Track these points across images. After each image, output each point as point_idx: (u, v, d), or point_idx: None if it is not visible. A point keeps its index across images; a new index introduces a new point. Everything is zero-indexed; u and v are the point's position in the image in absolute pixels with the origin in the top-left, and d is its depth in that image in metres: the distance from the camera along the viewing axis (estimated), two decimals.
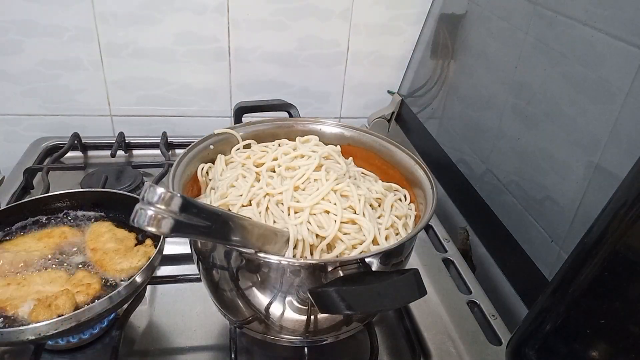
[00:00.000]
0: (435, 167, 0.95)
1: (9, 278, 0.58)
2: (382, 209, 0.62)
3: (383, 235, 0.57)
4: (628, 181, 0.46)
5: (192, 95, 1.11)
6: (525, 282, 0.72)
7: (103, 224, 0.67)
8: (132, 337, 0.65)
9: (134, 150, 1.05)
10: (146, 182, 0.67)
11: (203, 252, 0.57)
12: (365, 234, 0.57)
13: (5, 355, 0.61)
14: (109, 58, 1.04)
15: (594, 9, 0.61)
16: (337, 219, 0.56)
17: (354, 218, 0.57)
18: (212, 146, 0.68)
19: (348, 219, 0.57)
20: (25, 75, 1.02)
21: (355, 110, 1.19)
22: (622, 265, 0.46)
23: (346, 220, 0.57)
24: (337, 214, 0.57)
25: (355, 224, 0.58)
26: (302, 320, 0.55)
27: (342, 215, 0.57)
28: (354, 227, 0.57)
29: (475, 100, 0.88)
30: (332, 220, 0.57)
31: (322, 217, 0.57)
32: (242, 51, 1.07)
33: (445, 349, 0.65)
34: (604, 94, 0.59)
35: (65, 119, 1.08)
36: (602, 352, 0.48)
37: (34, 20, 0.97)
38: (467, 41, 0.92)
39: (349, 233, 0.57)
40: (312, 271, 0.50)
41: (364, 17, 1.07)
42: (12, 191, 0.87)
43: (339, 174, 0.63)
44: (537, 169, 0.71)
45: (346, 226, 0.57)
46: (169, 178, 0.59)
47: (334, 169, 0.64)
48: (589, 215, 0.60)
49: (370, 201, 0.61)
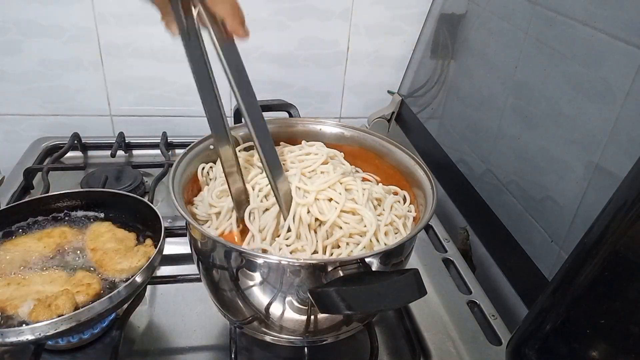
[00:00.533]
0: (435, 167, 0.95)
1: (9, 278, 0.58)
2: (382, 207, 0.62)
3: (383, 231, 0.58)
4: (628, 181, 0.46)
5: (192, 95, 1.10)
6: (525, 282, 0.72)
7: (103, 224, 0.67)
8: (132, 337, 0.65)
9: (134, 150, 1.05)
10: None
11: (203, 252, 0.57)
12: (367, 225, 0.57)
13: (5, 355, 0.61)
14: (109, 58, 1.04)
15: (594, 9, 0.61)
16: (338, 206, 0.57)
17: (356, 208, 0.58)
18: (212, 146, 0.68)
19: (350, 209, 0.58)
20: (25, 75, 1.02)
21: (355, 110, 1.19)
22: (622, 265, 0.46)
23: (348, 210, 0.58)
24: (339, 202, 0.58)
25: (356, 214, 0.58)
26: (302, 320, 0.55)
27: (345, 204, 0.58)
28: (354, 217, 0.58)
29: (475, 100, 0.88)
30: (333, 208, 0.58)
31: (324, 204, 0.58)
32: (242, 51, 1.06)
33: (445, 349, 0.65)
34: (604, 94, 0.59)
35: (65, 119, 1.08)
36: (602, 352, 0.48)
37: (34, 20, 0.97)
38: (467, 41, 0.92)
39: (348, 223, 0.58)
40: (312, 271, 0.50)
41: (364, 17, 1.07)
42: (12, 191, 0.87)
43: (345, 170, 0.65)
44: (537, 169, 0.71)
45: (347, 216, 0.58)
46: (169, 178, 0.59)
47: (340, 165, 0.66)
48: (589, 215, 0.60)
49: (372, 197, 0.61)
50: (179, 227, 0.79)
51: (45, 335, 0.51)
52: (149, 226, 0.66)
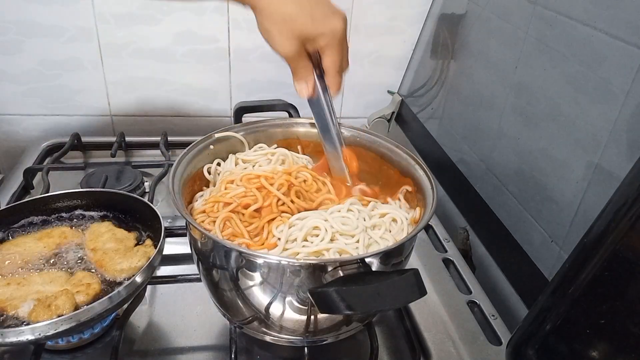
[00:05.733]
0: (435, 167, 0.95)
1: (9, 278, 0.58)
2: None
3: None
4: (628, 181, 0.46)
5: (192, 95, 1.11)
6: (525, 282, 0.72)
7: (103, 224, 0.67)
8: (132, 337, 0.65)
9: (134, 150, 1.05)
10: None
11: (203, 252, 0.57)
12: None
13: (5, 355, 0.61)
14: (109, 58, 1.04)
15: (594, 9, 0.61)
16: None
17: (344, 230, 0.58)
18: (212, 146, 0.68)
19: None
20: (25, 75, 1.02)
21: (355, 110, 1.19)
22: (622, 265, 0.46)
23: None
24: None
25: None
26: (302, 320, 0.55)
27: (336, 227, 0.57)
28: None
29: (475, 100, 0.88)
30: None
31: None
32: (242, 51, 1.07)
33: (445, 349, 0.65)
34: (604, 94, 0.59)
35: (65, 119, 1.08)
36: (602, 352, 0.48)
37: (34, 20, 0.97)
38: (467, 41, 0.92)
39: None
40: (312, 271, 0.50)
41: (364, 17, 1.07)
42: (12, 191, 0.87)
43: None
44: (537, 169, 0.71)
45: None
46: (169, 178, 0.59)
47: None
48: (589, 215, 0.60)
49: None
50: (179, 227, 0.79)
51: (45, 335, 0.51)
52: (149, 226, 0.66)
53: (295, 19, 0.54)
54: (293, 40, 0.56)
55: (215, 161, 0.68)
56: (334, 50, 0.58)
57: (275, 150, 0.70)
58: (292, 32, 0.55)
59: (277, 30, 0.56)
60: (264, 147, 0.71)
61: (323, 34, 0.56)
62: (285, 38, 0.56)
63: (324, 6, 0.56)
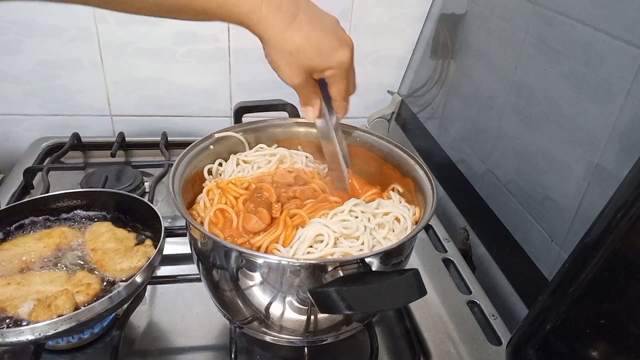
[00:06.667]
0: (435, 167, 0.95)
1: (8, 278, 0.58)
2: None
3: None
4: (628, 181, 0.46)
5: (192, 95, 1.11)
6: (525, 282, 0.72)
7: (103, 224, 0.67)
8: (132, 337, 0.65)
9: (134, 150, 1.05)
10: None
11: (203, 252, 0.57)
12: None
13: (5, 355, 0.61)
14: (109, 58, 1.04)
15: (594, 9, 0.61)
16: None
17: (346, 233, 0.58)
18: (212, 146, 0.68)
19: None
20: (25, 75, 1.02)
21: (355, 110, 1.18)
22: (622, 265, 0.46)
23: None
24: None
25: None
26: (302, 320, 0.55)
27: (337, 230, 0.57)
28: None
29: (475, 100, 0.88)
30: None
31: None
32: (242, 51, 1.07)
33: (445, 349, 0.65)
34: (604, 94, 0.59)
35: (65, 119, 1.08)
36: (602, 352, 0.48)
37: (34, 20, 0.97)
38: (467, 41, 0.92)
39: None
40: (312, 271, 0.50)
41: (364, 17, 1.07)
42: (12, 191, 0.87)
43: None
44: (537, 169, 0.71)
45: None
46: (169, 178, 0.59)
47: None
48: (589, 215, 0.60)
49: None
50: (179, 227, 0.79)
51: (45, 335, 0.51)
52: (149, 226, 0.66)
53: (303, 53, 0.54)
54: (300, 72, 0.56)
55: (217, 161, 0.68)
56: (340, 79, 0.58)
57: (275, 151, 0.70)
58: (299, 65, 0.55)
59: (284, 62, 0.55)
60: (265, 148, 0.71)
61: (330, 67, 0.56)
62: (292, 70, 0.56)
63: (332, 38, 0.55)
